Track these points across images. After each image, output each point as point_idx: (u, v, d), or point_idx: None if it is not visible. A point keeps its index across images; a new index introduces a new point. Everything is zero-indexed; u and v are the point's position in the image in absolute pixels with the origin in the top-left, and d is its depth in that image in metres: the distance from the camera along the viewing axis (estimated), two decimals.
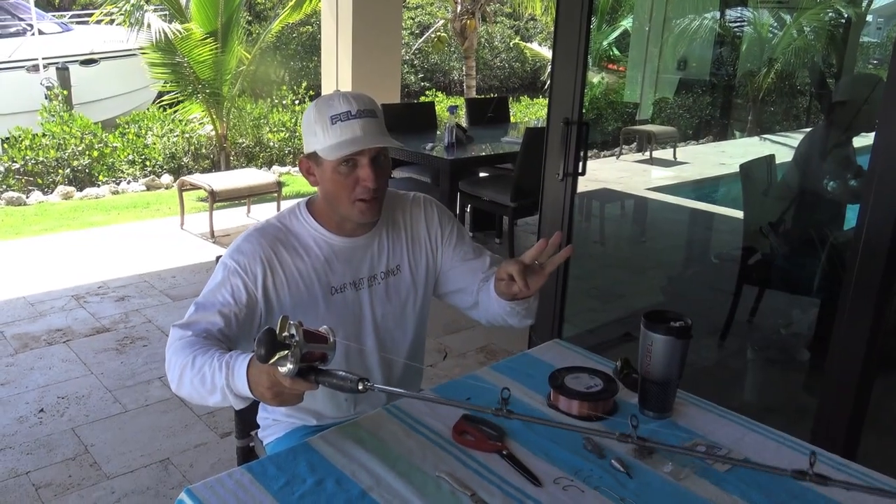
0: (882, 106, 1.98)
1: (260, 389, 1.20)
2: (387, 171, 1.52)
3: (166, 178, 7.41)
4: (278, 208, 5.76)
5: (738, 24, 5.11)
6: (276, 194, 5.84)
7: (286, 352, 1.13)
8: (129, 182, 7.26)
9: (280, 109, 8.78)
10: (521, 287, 1.40)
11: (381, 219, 1.59)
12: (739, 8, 4.99)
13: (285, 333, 1.13)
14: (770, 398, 3.28)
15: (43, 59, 9.09)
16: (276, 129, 8.48)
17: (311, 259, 1.52)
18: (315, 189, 1.58)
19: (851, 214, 3.16)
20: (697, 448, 1.38)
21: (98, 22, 9.45)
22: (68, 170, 7.06)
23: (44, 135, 7.16)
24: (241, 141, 8.19)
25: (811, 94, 4.68)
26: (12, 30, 9.48)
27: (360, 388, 1.16)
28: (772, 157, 3.67)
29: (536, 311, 1.60)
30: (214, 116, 7.46)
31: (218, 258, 1.62)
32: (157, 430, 2.89)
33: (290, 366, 1.13)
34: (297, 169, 8.22)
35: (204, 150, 7.89)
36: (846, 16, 4.31)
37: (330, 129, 1.44)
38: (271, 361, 1.15)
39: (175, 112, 7.85)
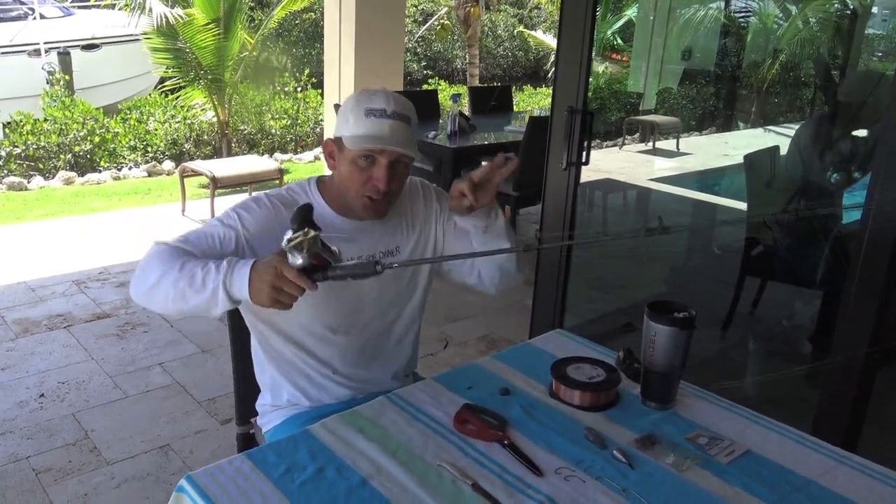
0: (890, 97, 1.97)
1: (259, 284, 1.26)
2: (402, 178, 1.54)
3: (168, 165, 7.39)
4: None
5: (744, 14, 5.09)
6: (277, 181, 5.82)
7: (305, 236, 1.20)
8: (130, 168, 7.24)
9: (282, 97, 8.75)
10: (471, 201, 1.46)
11: None
12: None
13: (310, 218, 1.22)
14: (771, 390, 3.27)
15: (44, 43, 9.04)
16: (278, 116, 8.46)
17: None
18: (324, 172, 1.60)
19: (849, 203, 3.16)
20: (699, 440, 1.38)
21: (99, 6, 9.41)
22: (70, 155, 7.04)
23: (45, 120, 7.14)
24: (242, 128, 8.16)
25: (816, 85, 4.66)
26: (14, 14, 9.43)
27: (378, 269, 1.24)
28: (776, 148, 3.65)
29: (506, 231, 1.60)
30: (216, 103, 7.43)
31: None
32: (158, 416, 2.89)
33: (300, 258, 1.20)
34: (298, 156, 8.22)
35: (206, 137, 7.87)
36: (851, 7, 4.29)
37: (362, 120, 1.47)
38: (286, 246, 1.21)
39: (177, 98, 7.83)
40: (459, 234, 1.68)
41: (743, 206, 3.65)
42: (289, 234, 1.22)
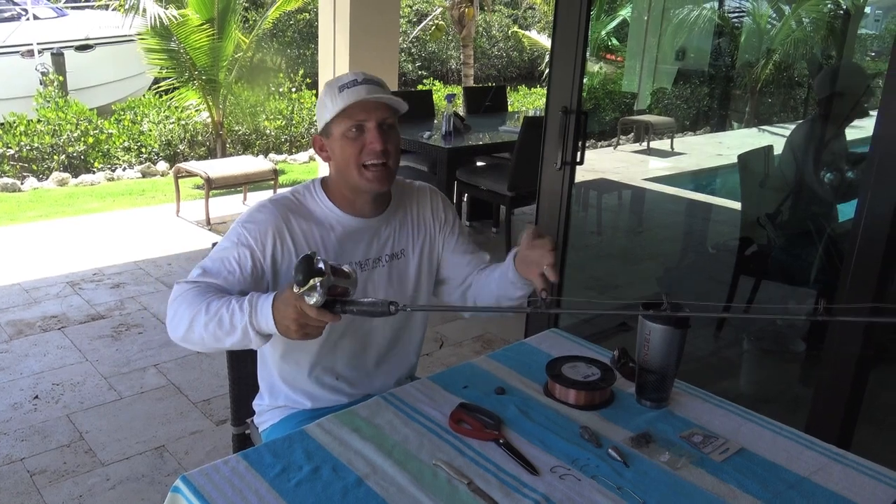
0: (883, 95, 1.98)
1: (285, 323, 1.26)
2: (395, 139, 1.54)
3: (162, 165, 7.38)
4: None
5: (737, 14, 5.10)
6: (272, 182, 5.81)
7: (315, 281, 1.19)
8: (124, 169, 7.23)
9: (277, 97, 8.74)
10: (553, 278, 1.43)
11: (390, 204, 1.63)
12: None
13: (315, 267, 1.20)
14: (765, 388, 3.29)
15: (38, 44, 9.02)
16: (272, 116, 8.44)
17: (322, 232, 1.55)
18: (319, 174, 1.60)
19: (843, 205, 3.18)
20: (694, 438, 1.38)
21: (92, 6, 9.38)
22: (63, 156, 7.02)
23: (39, 121, 7.12)
24: (237, 128, 8.15)
25: (809, 85, 4.68)
26: (7, 14, 9.40)
27: (392, 310, 1.22)
28: (769, 147, 3.66)
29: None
30: (211, 103, 7.41)
31: (213, 245, 1.62)
32: (153, 417, 2.88)
33: (317, 297, 1.20)
34: (293, 157, 8.21)
35: (200, 138, 7.86)
36: (844, 7, 4.31)
37: (338, 96, 1.49)
38: (300, 292, 1.20)
39: (171, 99, 7.81)
40: (458, 253, 1.70)
41: (737, 205, 3.66)
42: (296, 288, 1.21)
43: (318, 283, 1.19)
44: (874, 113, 3.01)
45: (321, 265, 1.20)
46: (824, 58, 4.46)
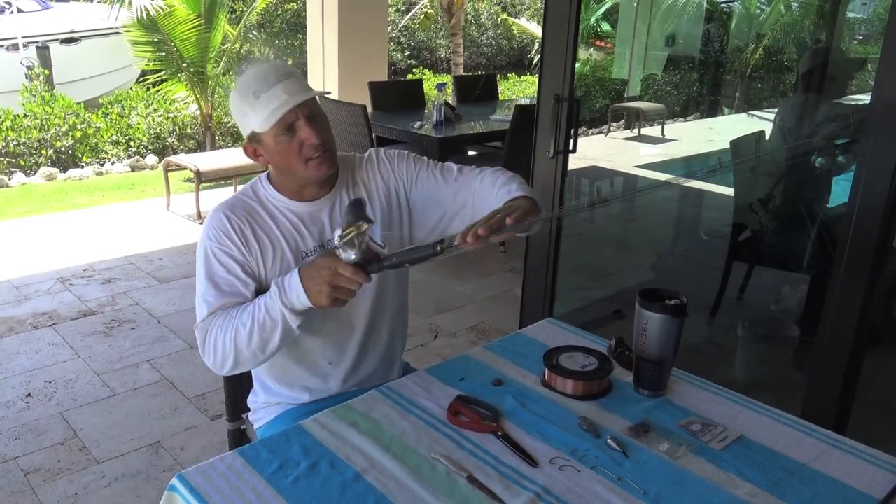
0: (878, 71, 1.97)
1: (317, 288, 1.32)
2: (326, 124, 1.53)
3: (151, 159, 7.32)
4: None
5: None
6: (262, 174, 5.78)
7: (354, 232, 1.25)
8: (113, 163, 7.17)
9: None
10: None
11: (339, 180, 1.61)
12: None
13: (364, 212, 1.26)
14: (760, 374, 3.29)
15: (22, 37, 8.92)
16: None
17: (279, 225, 1.54)
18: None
19: (838, 188, 3.18)
20: (693, 426, 1.38)
21: None
22: (51, 151, 6.96)
23: (25, 115, 7.05)
24: (226, 120, 8.08)
25: (798, 69, 4.67)
26: None
27: (438, 249, 1.24)
28: (761, 133, 3.66)
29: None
30: (199, 96, 7.35)
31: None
32: (147, 413, 2.86)
33: (353, 255, 1.26)
34: None
35: (189, 130, 7.80)
36: None
37: (256, 103, 1.46)
38: (339, 242, 1.27)
39: (158, 91, 7.74)
40: (430, 185, 1.64)
41: (729, 191, 3.65)
42: (339, 231, 1.25)
43: (359, 234, 1.23)
44: (854, 97, 3.05)
45: (365, 227, 1.23)
46: (813, 42, 4.45)
